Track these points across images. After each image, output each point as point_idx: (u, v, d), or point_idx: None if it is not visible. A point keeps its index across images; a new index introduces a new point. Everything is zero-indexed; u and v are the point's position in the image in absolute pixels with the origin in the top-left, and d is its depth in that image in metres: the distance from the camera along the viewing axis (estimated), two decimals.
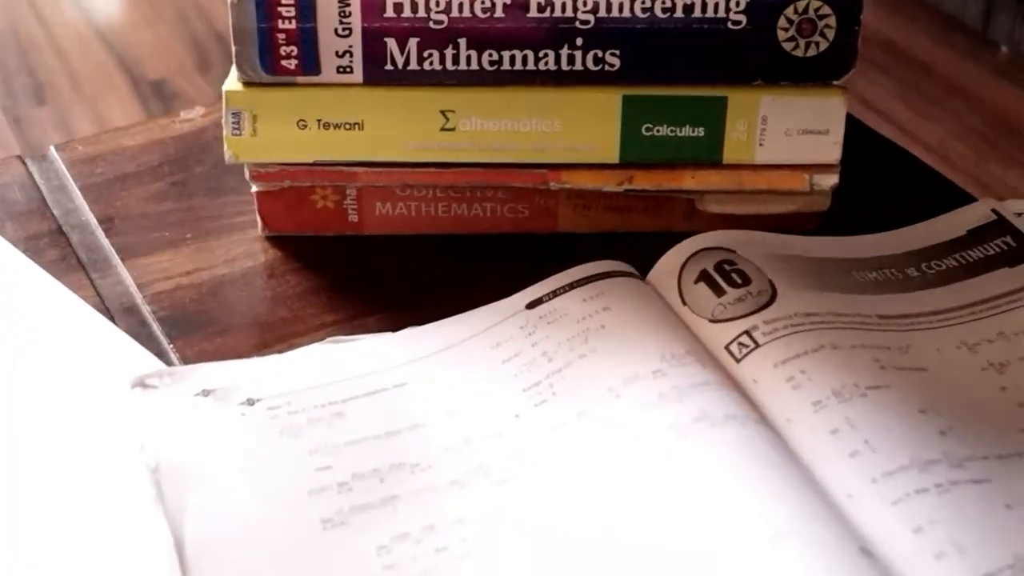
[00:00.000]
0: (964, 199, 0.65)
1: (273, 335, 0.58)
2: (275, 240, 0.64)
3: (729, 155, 0.61)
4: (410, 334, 0.55)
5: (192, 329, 0.58)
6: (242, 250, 0.63)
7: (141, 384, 0.52)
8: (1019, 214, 0.63)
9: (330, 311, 0.60)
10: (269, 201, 0.62)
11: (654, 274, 0.58)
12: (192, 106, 0.76)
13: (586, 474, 0.48)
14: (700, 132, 0.60)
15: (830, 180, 0.61)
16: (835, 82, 0.60)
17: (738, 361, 0.53)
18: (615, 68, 0.59)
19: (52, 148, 0.71)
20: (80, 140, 0.72)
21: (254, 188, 0.62)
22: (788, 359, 0.52)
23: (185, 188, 0.68)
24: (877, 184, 0.68)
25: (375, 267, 0.62)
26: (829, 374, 0.51)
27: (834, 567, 0.42)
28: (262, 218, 0.63)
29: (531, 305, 0.56)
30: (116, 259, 0.63)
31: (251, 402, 0.51)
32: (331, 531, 0.46)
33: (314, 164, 0.60)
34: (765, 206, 0.62)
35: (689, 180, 0.61)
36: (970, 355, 0.55)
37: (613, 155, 0.60)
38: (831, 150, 0.60)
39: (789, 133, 0.60)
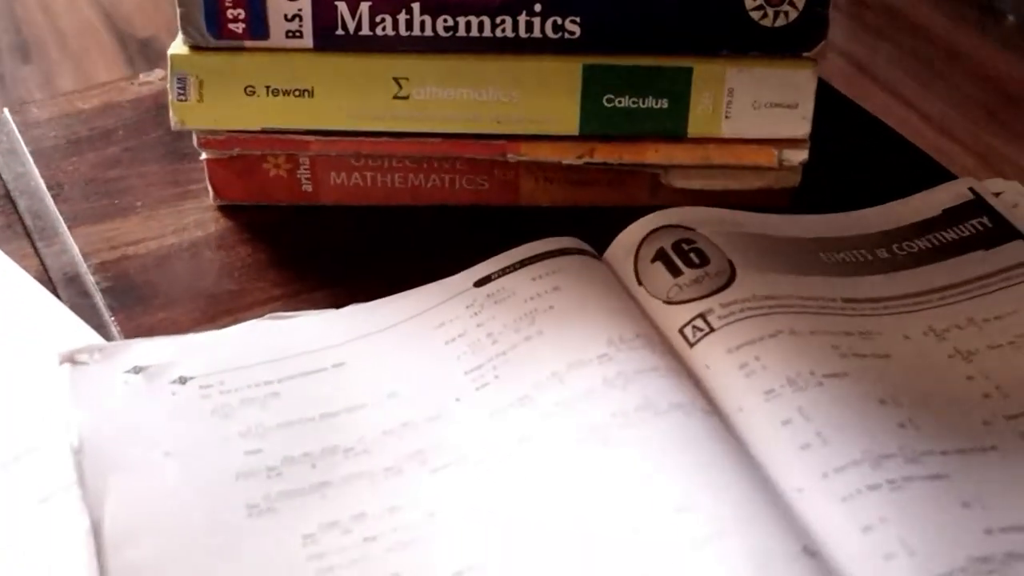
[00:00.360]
0: (943, 176, 0.63)
1: (218, 309, 0.56)
2: (227, 209, 0.62)
3: (694, 128, 0.58)
4: (353, 311, 0.53)
5: (135, 302, 0.56)
6: (193, 219, 0.61)
7: (71, 360, 0.50)
8: (997, 194, 0.60)
9: (279, 284, 0.58)
10: (220, 169, 0.60)
11: (611, 252, 0.55)
12: None
13: (523, 463, 0.46)
14: (664, 104, 0.58)
15: (799, 156, 0.59)
16: (805, 54, 0.57)
17: (691, 345, 0.51)
18: (575, 36, 0.56)
19: (5, 110, 0.69)
20: (36, 102, 0.70)
21: (203, 156, 0.60)
22: (742, 344, 0.50)
23: (139, 154, 0.65)
24: (853, 159, 0.65)
25: (329, 239, 0.60)
26: (785, 361, 0.49)
27: (770, 568, 0.40)
28: (213, 187, 0.61)
29: (479, 283, 0.53)
30: (63, 227, 0.61)
31: (183, 380, 0.49)
32: (256, 518, 0.44)
33: (263, 132, 0.58)
34: (732, 181, 0.60)
35: (653, 154, 0.59)
36: (937, 342, 0.53)
37: (573, 127, 0.58)
38: (800, 124, 0.58)
39: (757, 106, 0.58)
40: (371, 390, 0.49)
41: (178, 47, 0.57)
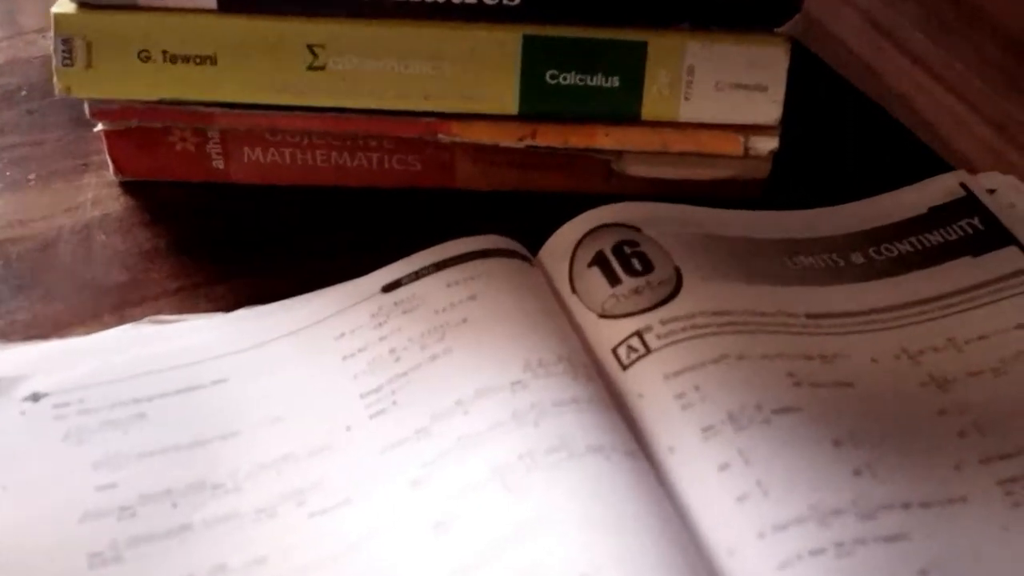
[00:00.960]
0: (939, 167, 0.56)
1: (105, 303, 0.50)
2: (131, 186, 0.55)
3: (649, 111, 0.51)
4: (244, 316, 0.46)
5: (11, 294, 0.50)
6: (90, 196, 0.55)
7: None
8: (992, 190, 0.53)
9: (177, 275, 0.51)
10: (120, 142, 0.53)
11: (545, 253, 0.49)
12: None
13: (413, 510, 0.39)
14: (615, 82, 0.50)
15: (768, 144, 0.51)
16: (776, 29, 0.50)
17: (624, 369, 0.44)
18: (514, 2, 0.49)
19: None
20: None
21: (99, 127, 0.53)
22: (681, 370, 0.43)
23: (41, 118, 0.59)
24: (838, 146, 0.58)
25: (239, 223, 0.53)
26: (728, 392, 0.42)
27: None
28: (113, 161, 0.54)
29: (388, 288, 0.47)
30: None
31: (36, 397, 0.43)
32: (98, 569, 0.38)
33: (160, 103, 0.51)
34: (694, 171, 0.53)
35: (603, 138, 0.52)
36: (911, 366, 0.46)
37: (512, 106, 0.51)
38: (770, 109, 0.51)
39: (720, 87, 0.50)
40: (252, 413, 0.43)
41: (63, 5, 0.50)
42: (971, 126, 0.86)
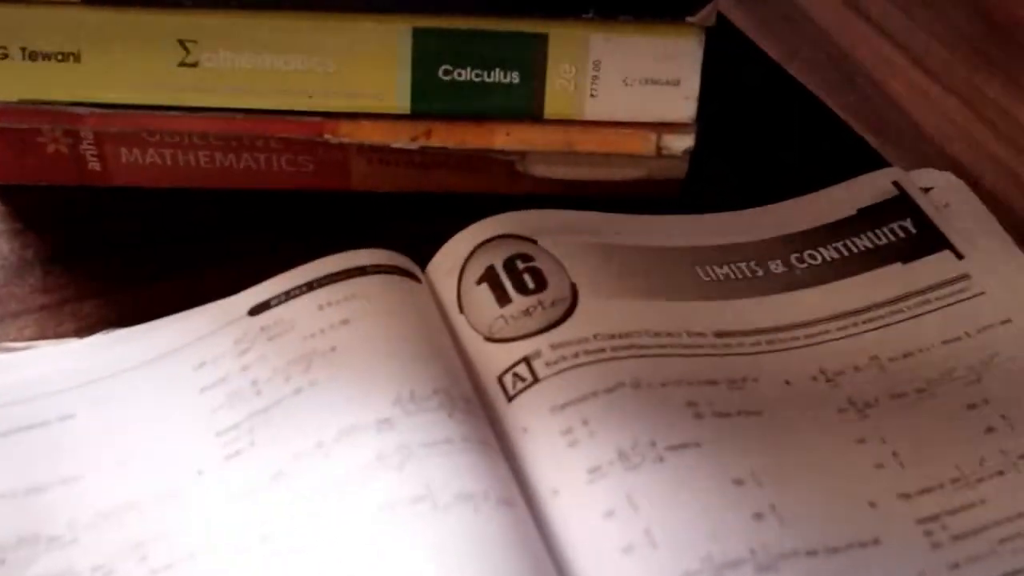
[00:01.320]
0: (875, 163, 0.51)
1: None
2: (2, 191, 0.51)
3: (553, 108, 0.47)
4: (98, 343, 0.43)
5: None
6: None
7: None
8: (927, 189, 0.49)
9: (43, 290, 0.47)
10: None
11: (433, 267, 0.45)
12: None
13: (260, 569, 0.35)
14: (514, 78, 0.46)
15: (682, 143, 0.47)
16: (688, 19, 0.45)
17: (510, 400, 0.40)
18: None
19: None
20: None
21: None
22: (569, 402, 0.39)
23: None
24: (763, 138, 0.54)
25: (117, 230, 0.50)
26: (620, 426, 0.38)
27: None
28: None
29: (255, 310, 0.43)
30: None
31: None
32: None
33: (21, 103, 0.47)
34: (604, 171, 0.49)
35: (503, 138, 0.47)
36: (828, 389, 0.42)
37: (403, 104, 0.47)
38: (683, 106, 0.47)
39: (629, 83, 0.46)
40: (98, 454, 0.39)
41: None
42: (933, 97, 0.82)
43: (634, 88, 0.47)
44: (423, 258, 0.45)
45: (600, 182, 0.49)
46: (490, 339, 0.42)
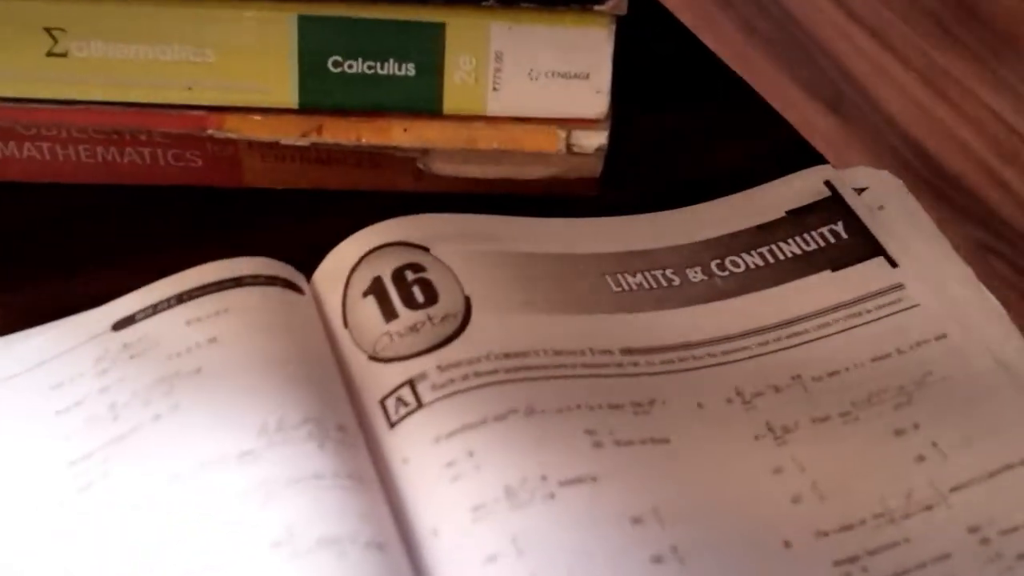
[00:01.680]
0: (807, 159, 0.48)
1: None
2: None
3: (452, 103, 0.43)
4: None
5: None
6: None
7: None
8: (861, 189, 0.45)
9: None
10: None
11: (320, 276, 0.41)
12: None
13: None
14: (410, 70, 0.42)
15: (594, 140, 0.43)
16: (597, 7, 0.41)
17: (392, 426, 0.36)
18: None
19: None
20: None
21: None
22: (455, 431, 0.36)
23: None
24: (690, 132, 0.50)
25: None
26: (509, 459, 0.35)
27: None
28: None
29: (119, 325, 0.39)
30: None
31: None
32: None
33: None
34: (513, 169, 0.45)
35: (401, 134, 0.44)
36: (744, 413, 0.38)
37: (291, 98, 0.43)
38: (594, 101, 0.43)
39: (535, 76, 0.42)
40: None
41: None
42: (893, 73, 0.78)
43: (540, 81, 0.43)
44: (315, 263, 0.42)
45: (510, 180, 0.45)
46: (374, 358, 0.38)
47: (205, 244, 0.43)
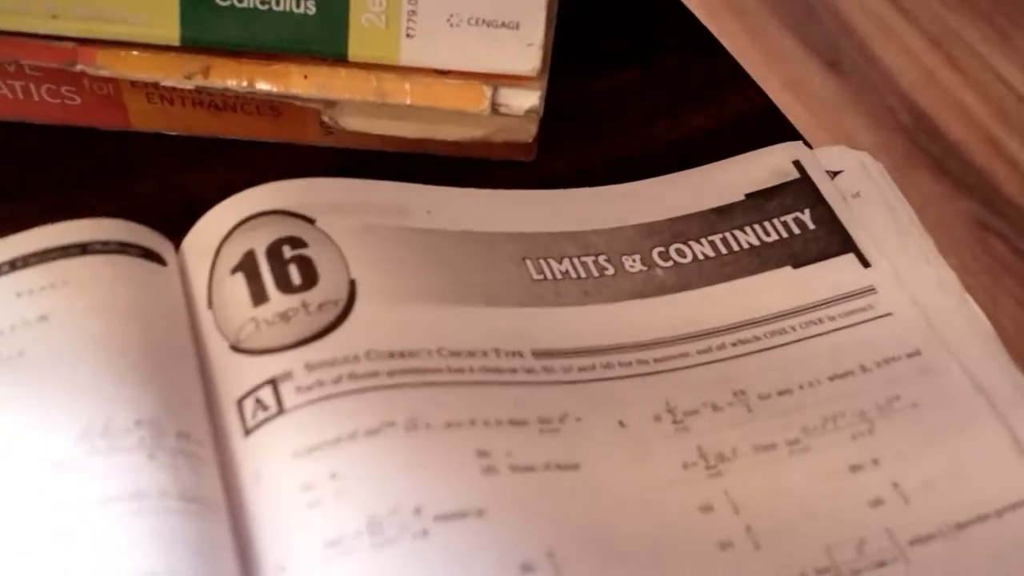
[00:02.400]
0: (779, 132, 0.41)
1: None
2: None
3: (359, 49, 0.37)
4: None
5: None
6: None
7: None
8: (835, 173, 0.39)
9: None
10: None
11: (189, 245, 0.34)
12: None
13: None
14: (309, 7, 0.36)
15: (524, 101, 0.37)
16: None
17: (247, 434, 0.30)
18: None
19: None
20: None
21: None
22: (318, 445, 0.29)
23: None
24: (647, 95, 0.43)
25: None
26: (378, 483, 0.29)
27: None
28: None
29: None
30: None
31: None
32: None
33: None
34: (431, 128, 0.38)
35: (300, 81, 0.37)
36: (674, 434, 0.32)
37: (171, 32, 0.36)
38: (524, 55, 0.36)
39: (455, 22, 0.36)
40: None
41: None
42: (903, 36, 0.72)
43: (462, 29, 0.36)
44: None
45: (429, 141, 0.39)
46: (236, 348, 0.32)
47: (72, 192, 0.38)
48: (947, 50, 0.69)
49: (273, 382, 0.31)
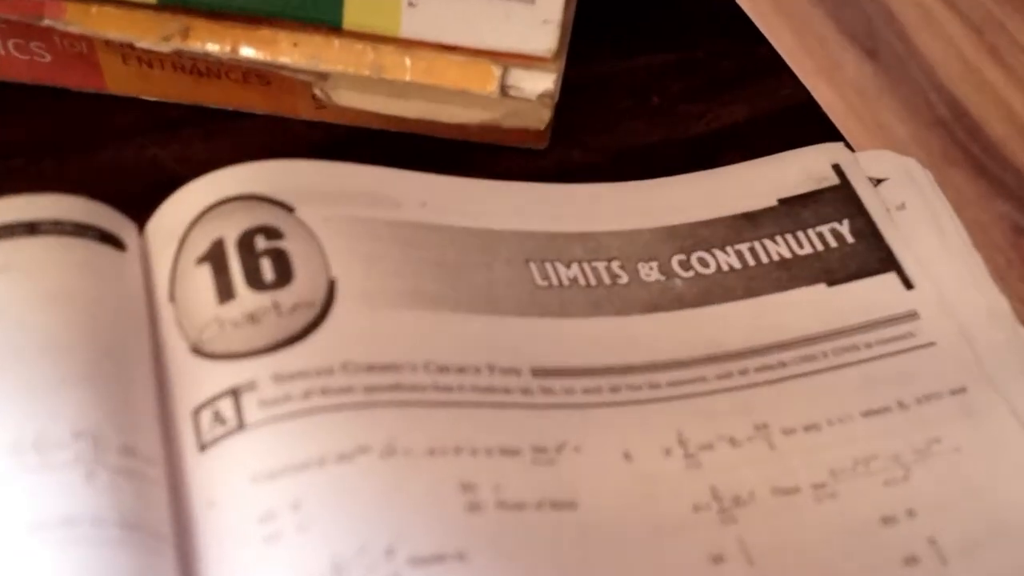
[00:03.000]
0: (816, 131, 0.37)
1: None
2: None
3: (355, 17, 0.33)
4: None
5: None
6: None
7: None
8: (879, 180, 0.35)
9: None
10: None
11: (152, 229, 0.30)
12: None
13: None
14: None
15: (538, 84, 0.33)
16: None
17: (202, 449, 0.26)
18: None
19: None
20: None
21: None
22: (282, 471, 0.26)
23: None
24: (674, 83, 0.39)
25: None
26: (347, 517, 0.25)
27: None
28: None
29: None
30: None
31: None
32: None
33: None
34: (433, 109, 0.34)
35: (289, 50, 0.33)
36: (684, 471, 0.28)
37: None
38: (540, 33, 0.32)
39: None
40: None
41: None
42: (944, 24, 0.68)
43: (470, 1, 0.32)
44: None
45: (431, 123, 0.35)
46: (197, 351, 0.28)
47: (33, 158, 0.35)
48: (990, 41, 0.65)
49: (235, 392, 0.27)
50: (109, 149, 0.36)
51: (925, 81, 0.62)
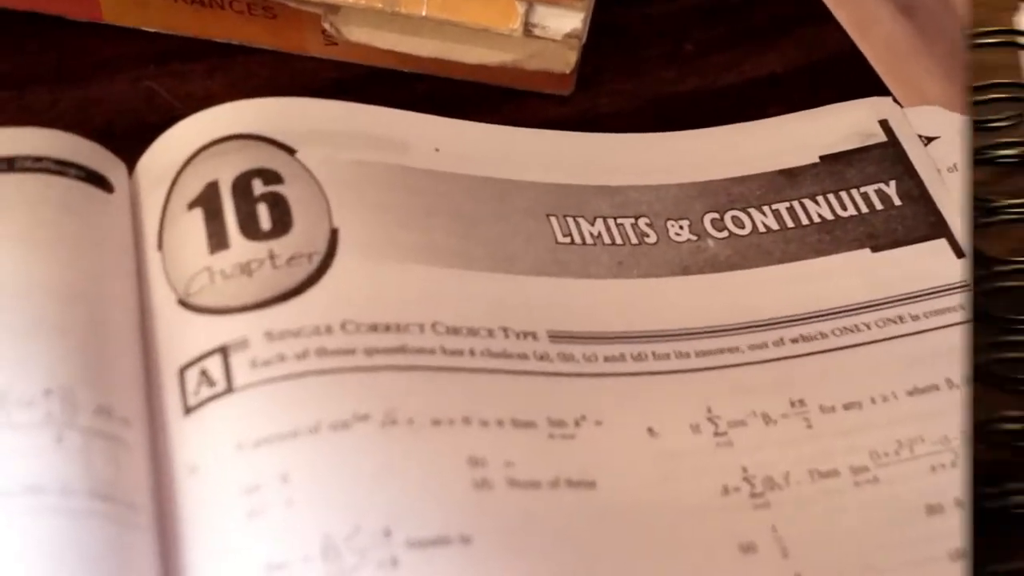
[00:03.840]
0: (859, 84, 0.34)
1: None
2: None
3: None
4: None
5: None
6: None
7: None
8: (929, 139, 0.32)
9: None
10: None
11: (142, 169, 0.28)
12: None
13: None
14: None
15: (565, 23, 0.30)
16: None
17: (187, 412, 0.24)
18: None
19: None
20: None
21: None
22: (270, 438, 0.23)
23: None
24: (709, 28, 0.36)
25: None
26: (341, 493, 0.23)
27: None
28: None
29: None
30: None
31: None
32: None
33: None
34: (450, 48, 0.32)
35: None
36: (713, 449, 0.26)
37: None
38: None
39: None
40: None
41: None
42: None
43: None
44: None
45: (447, 63, 0.32)
46: (185, 303, 0.25)
47: (23, 88, 0.33)
48: None
49: (224, 351, 0.25)
50: (103, 82, 0.34)
51: (962, 41, 0.59)
